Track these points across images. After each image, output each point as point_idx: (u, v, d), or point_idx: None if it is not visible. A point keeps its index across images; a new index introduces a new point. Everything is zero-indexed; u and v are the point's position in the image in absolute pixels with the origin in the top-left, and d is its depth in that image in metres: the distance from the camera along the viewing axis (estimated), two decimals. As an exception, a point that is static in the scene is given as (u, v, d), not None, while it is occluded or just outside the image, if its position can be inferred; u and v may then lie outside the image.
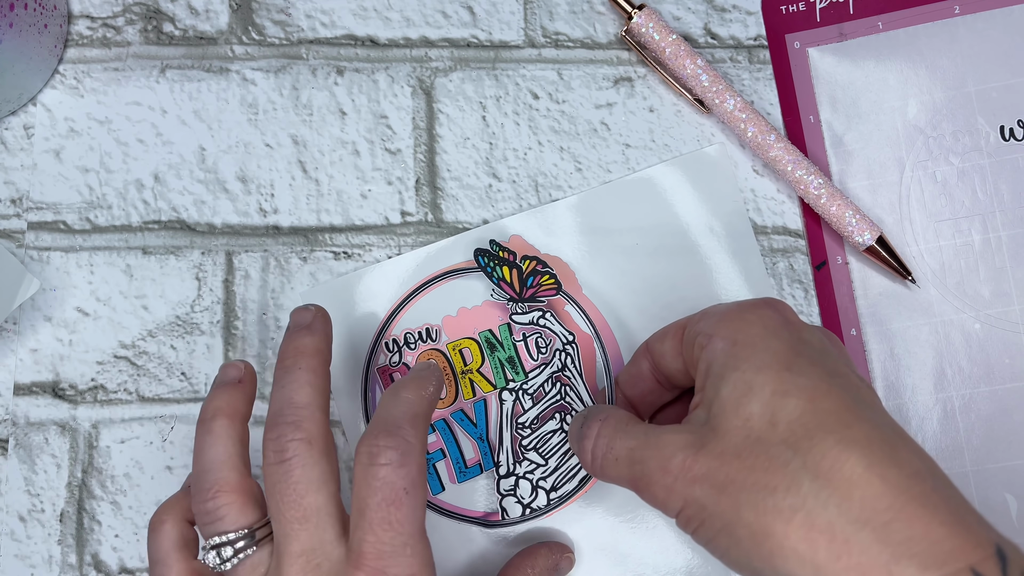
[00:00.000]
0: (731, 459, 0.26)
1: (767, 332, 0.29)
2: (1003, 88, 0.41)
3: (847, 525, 0.24)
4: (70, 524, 0.38)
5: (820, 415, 0.26)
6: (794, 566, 0.25)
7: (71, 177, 0.41)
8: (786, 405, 0.26)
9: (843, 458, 0.25)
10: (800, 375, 0.27)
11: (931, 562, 0.23)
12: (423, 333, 0.39)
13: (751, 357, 0.28)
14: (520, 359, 0.39)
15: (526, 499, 0.38)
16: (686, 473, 0.27)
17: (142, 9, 0.42)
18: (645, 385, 0.34)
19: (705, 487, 0.27)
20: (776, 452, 0.26)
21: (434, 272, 0.40)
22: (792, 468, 0.25)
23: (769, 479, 0.25)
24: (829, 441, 0.25)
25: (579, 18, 0.42)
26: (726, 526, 0.26)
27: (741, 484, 0.26)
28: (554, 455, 0.38)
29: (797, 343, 0.28)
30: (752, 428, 0.26)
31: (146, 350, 0.39)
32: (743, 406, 0.27)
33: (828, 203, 0.39)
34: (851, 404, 0.27)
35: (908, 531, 0.24)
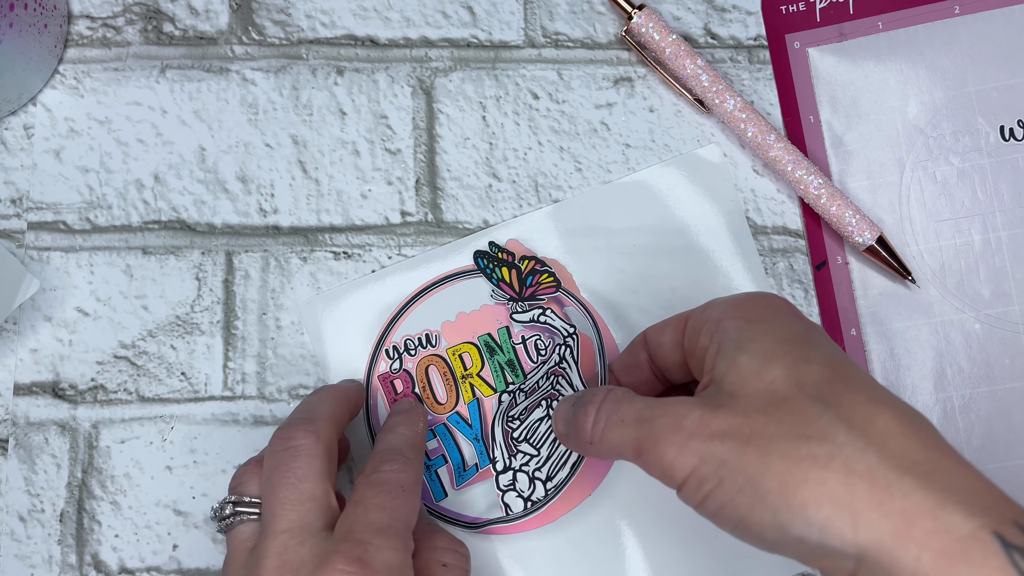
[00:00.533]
0: (757, 415, 0.26)
1: (779, 312, 0.29)
2: (1003, 88, 0.41)
3: (888, 471, 0.24)
4: (70, 524, 0.38)
5: (844, 380, 0.26)
6: (829, 513, 0.24)
7: (71, 177, 0.41)
8: (811, 370, 0.26)
9: (876, 412, 0.25)
10: (818, 347, 0.28)
11: (976, 509, 0.23)
12: (423, 339, 0.39)
13: (769, 331, 0.28)
14: (520, 362, 0.39)
15: (525, 492, 0.38)
16: (703, 429, 0.26)
17: (142, 9, 0.42)
18: (640, 375, 0.34)
19: (727, 442, 0.25)
20: (807, 406, 0.25)
21: (433, 278, 0.40)
22: (825, 420, 0.25)
23: (802, 429, 0.25)
24: (860, 397, 0.25)
25: (579, 18, 0.42)
26: (750, 480, 0.25)
27: (771, 435, 0.25)
28: (544, 444, 0.38)
29: (807, 323, 0.29)
30: (777, 389, 0.26)
31: (146, 350, 0.39)
32: (766, 371, 0.27)
33: (828, 203, 0.39)
34: (867, 377, 0.27)
35: (950, 480, 0.24)
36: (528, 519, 0.38)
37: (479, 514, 0.38)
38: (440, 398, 0.39)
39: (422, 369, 0.39)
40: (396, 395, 0.39)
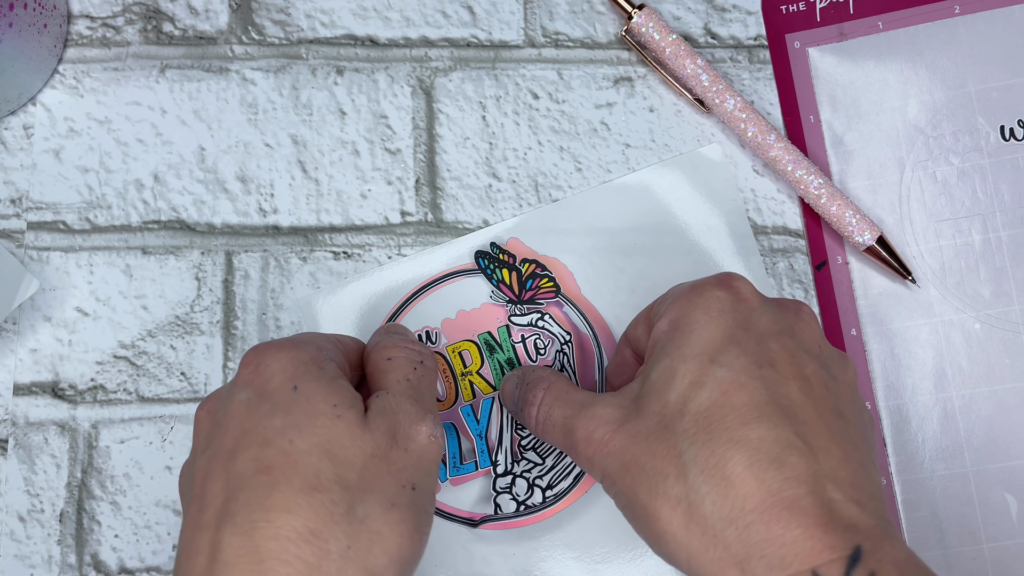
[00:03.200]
0: (641, 441, 0.28)
1: (708, 317, 0.29)
2: (1003, 88, 0.41)
3: (718, 521, 0.26)
4: (70, 524, 0.38)
5: (725, 410, 0.27)
6: (674, 550, 0.27)
7: (71, 177, 0.41)
8: (698, 396, 0.27)
9: (728, 456, 0.26)
10: (722, 366, 0.28)
11: (776, 563, 0.25)
12: (422, 336, 0.39)
13: (682, 344, 0.29)
14: (519, 360, 0.39)
15: (521, 496, 0.38)
16: (603, 447, 0.29)
17: (142, 9, 0.42)
18: (629, 372, 0.35)
19: (615, 462, 0.29)
20: (676, 441, 0.27)
21: (433, 276, 0.40)
22: (685, 459, 0.27)
23: (664, 466, 0.27)
24: (722, 438, 0.27)
25: (579, 18, 0.42)
26: (627, 502, 0.28)
27: (641, 466, 0.28)
28: (551, 454, 0.38)
29: (736, 329, 0.29)
30: (665, 415, 0.28)
31: (146, 350, 0.39)
32: (664, 392, 0.28)
33: (828, 203, 0.39)
34: (761, 402, 0.27)
35: (766, 533, 0.25)
36: (520, 519, 0.38)
37: (471, 508, 0.38)
38: (440, 395, 0.39)
39: None
40: None
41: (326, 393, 0.28)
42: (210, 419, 0.30)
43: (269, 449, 0.27)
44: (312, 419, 0.28)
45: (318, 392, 0.28)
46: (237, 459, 0.27)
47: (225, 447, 0.28)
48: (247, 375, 0.29)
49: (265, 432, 0.27)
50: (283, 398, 0.28)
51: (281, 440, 0.27)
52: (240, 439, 0.28)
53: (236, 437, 0.28)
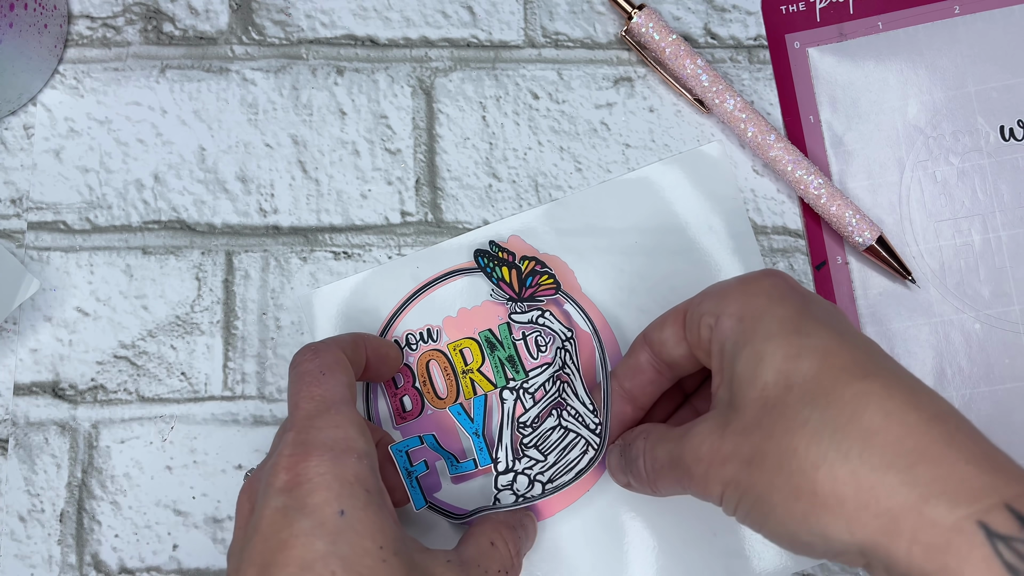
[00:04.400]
0: (753, 431, 0.27)
1: (772, 301, 0.29)
2: (1003, 88, 0.41)
3: (871, 473, 0.24)
4: (70, 524, 0.38)
5: (834, 371, 0.26)
6: (827, 522, 0.25)
7: (71, 177, 0.41)
8: (800, 367, 0.26)
9: (862, 408, 0.25)
10: (810, 336, 0.27)
11: (962, 499, 0.23)
12: (424, 334, 0.39)
13: (759, 328, 0.28)
14: (520, 358, 0.39)
15: (521, 491, 0.38)
16: (715, 456, 0.28)
17: (142, 9, 0.42)
18: (644, 376, 0.35)
19: (735, 464, 0.27)
20: (794, 413, 0.26)
21: (434, 274, 0.40)
22: (812, 426, 0.25)
23: (790, 441, 0.25)
24: (847, 394, 0.25)
25: (579, 18, 0.42)
26: (760, 497, 0.26)
27: (766, 453, 0.26)
28: (553, 451, 0.38)
29: (803, 306, 0.29)
30: (768, 396, 0.27)
31: (146, 350, 0.39)
32: (758, 377, 0.27)
33: (828, 203, 0.39)
34: (864, 357, 0.27)
35: (935, 471, 0.23)
36: None
37: (468, 507, 0.38)
38: (441, 393, 0.39)
39: (423, 364, 0.39)
40: (396, 389, 0.39)
41: (374, 530, 0.27)
42: (248, 506, 0.30)
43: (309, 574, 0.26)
44: (359, 557, 0.27)
45: (367, 525, 0.27)
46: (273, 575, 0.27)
47: (260, 556, 0.27)
48: (285, 482, 0.28)
49: (305, 554, 0.26)
50: (328, 520, 0.27)
51: (323, 569, 0.26)
52: (277, 552, 0.27)
53: (273, 549, 0.27)
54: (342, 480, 0.28)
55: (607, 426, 0.37)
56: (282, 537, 0.27)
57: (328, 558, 0.26)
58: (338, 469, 0.28)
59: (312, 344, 0.33)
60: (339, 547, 0.27)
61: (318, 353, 0.32)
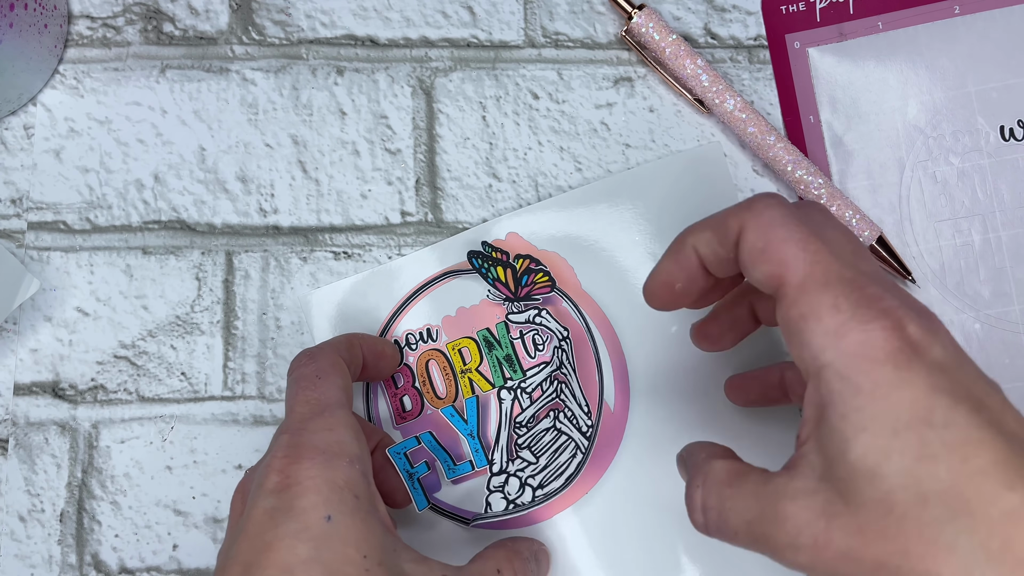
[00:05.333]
0: (876, 538, 0.23)
1: (897, 373, 0.24)
2: (1003, 88, 0.41)
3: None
4: (70, 524, 0.38)
5: (977, 478, 0.22)
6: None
7: (71, 177, 0.41)
8: (936, 473, 0.23)
9: (1011, 531, 0.22)
10: (945, 427, 0.23)
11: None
12: (423, 333, 0.39)
13: (880, 413, 0.24)
14: (518, 357, 0.39)
15: (512, 495, 0.38)
16: (821, 552, 0.24)
17: (142, 9, 0.42)
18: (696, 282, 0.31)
19: (850, 566, 0.24)
20: (932, 533, 0.22)
21: (433, 273, 0.40)
22: (960, 551, 0.22)
23: (932, 564, 0.22)
24: (993, 513, 0.22)
25: (579, 18, 0.42)
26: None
27: (897, 569, 0.23)
28: (545, 453, 0.38)
29: (931, 377, 0.24)
30: (896, 503, 0.23)
31: (146, 350, 0.39)
32: (880, 477, 0.23)
33: (828, 203, 0.39)
34: (1007, 453, 0.23)
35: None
36: (509, 518, 0.38)
37: (464, 506, 0.38)
38: (440, 392, 0.39)
39: (422, 363, 0.39)
40: (396, 389, 0.39)
41: (359, 537, 0.27)
42: (241, 505, 0.31)
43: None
44: (341, 564, 0.27)
45: (353, 532, 0.27)
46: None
47: (244, 555, 0.27)
48: (276, 483, 0.28)
49: (287, 557, 0.26)
50: (313, 524, 0.27)
51: (303, 574, 0.26)
52: (260, 553, 0.27)
53: (257, 549, 0.27)
54: (332, 484, 0.28)
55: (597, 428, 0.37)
56: (266, 539, 0.27)
57: (310, 564, 0.26)
58: (328, 473, 0.28)
59: (308, 349, 0.33)
60: (322, 553, 0.27)
61: (314, 357, 0.32)
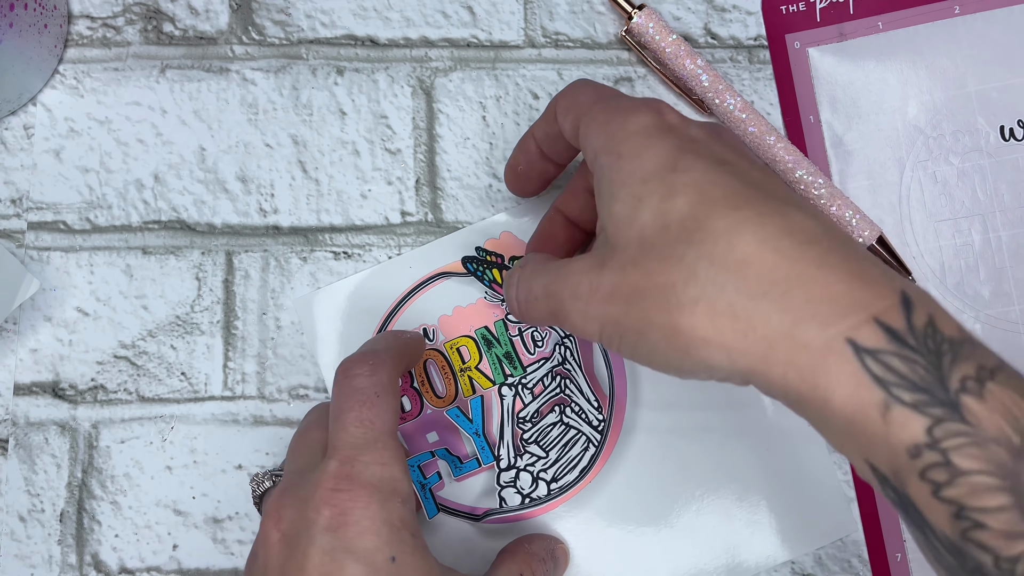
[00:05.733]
0: (631, 270, 0.27)
1: (649, 140, 0.28)
2: (1003, 88, 0.41)
3: (747, 302, 0.24)
4: (70, 524, 0.38)
5: (708, 205, 0.26)
6: (709, 354, 0.25)
7: (71, 177, 0.41)
8: (675, 205, 0.26)
9: (735, 240, 0.25)
10: (685, 171, 0.27)
11: (832, 319, 0.23)
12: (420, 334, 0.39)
13: (636, 169, 0.28)
14: (517, 354, 0.39)
15: (526, 490, 0.38)
16: (594, 294, 0.27)
17: (142, 9, 0.42)
18: (559, 144, 0.34)
19: (614, 302, 0.27)
20: (670, 251, 0.26)
21: (428, 273, 0.40)
22: (688, 261, 0.25)
23: (668, 278, 0.26)
24: (720, 227, 0.25)
25: (579, 18, 0.42)
26: (641, 333, 0.26)
27: (644, 290, 0.26)
28: (555, 447, 0.38)
29: (681, 141, 0.28)
30: (646, 236, 0.26)
31: (146, 350, 0.39)
32: (636, 219, 0.27)
33: (828, 203, 0.39)
34: (739, 187, 0.26)
35: (806, 294, 0.24)
36: (525, 511, 0.38)
37: (473, 503, 0.38)
38: (440, 392, 0.39)
39: (420, 364, 0.39)
40: None
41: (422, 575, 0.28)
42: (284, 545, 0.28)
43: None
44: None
45: (416, 571, 0.28)
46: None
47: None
48: (329, 519, 0.28)
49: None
50: (380, 567, 0.27)
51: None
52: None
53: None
54: (390, 525, 0.28)
55: (610, 423, 0.37)
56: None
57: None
58: (385, 513, 0.28)
59: (368, 354, 0.32)
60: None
61: (376, 370, 0.31)
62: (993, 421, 0.22)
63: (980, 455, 0.22)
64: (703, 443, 0.38)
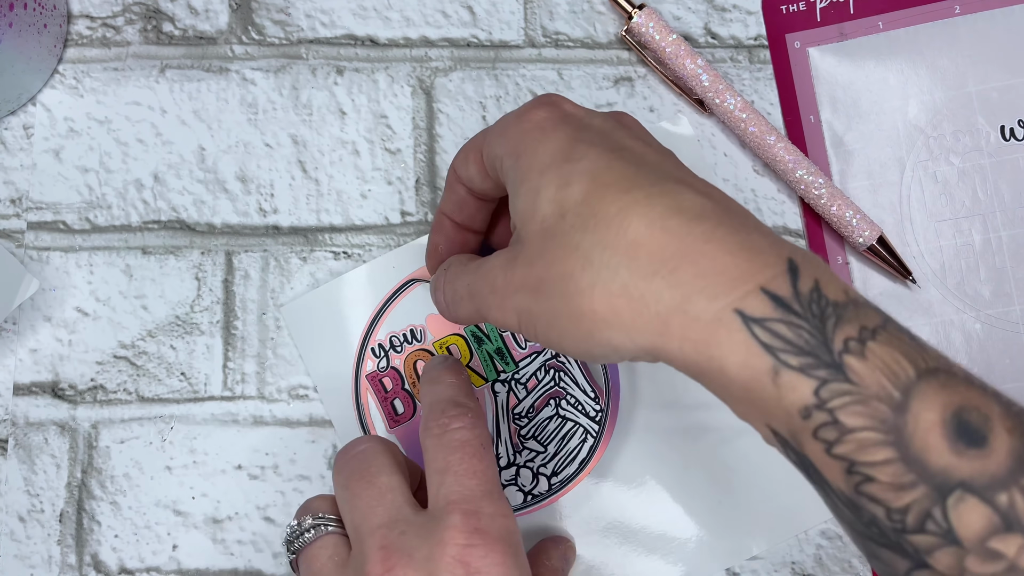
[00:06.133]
0: (536, 261, 0.27)
1: (544, 134, 0.29)
2: (1003, 88, 0.41)
3: (639, 282, 0.25)
4: (70, 524, 0.38)
5: (601, 190, 0.26)
6: (610, 336, 0.26)
7: (71, 177, 0.41)
8: (570, 193, 0.27)
9: (624, 224, 0.25)
10: (579, 160, 0.27)
11: (720, 291, 0.24)
12: (408, 335, 0.39)
13: (533, 163, 0.28)
14: (508, 349, 0.39)
15: (527, 487, 0.38)
16: (507, 287, 0.28)
17: (142, 9, 0.42)
18: (469, 207, 0.34)
19: (524, 293, 0.27)
20: (567, 240, 0.26)
21: (412, 273, 0.39)
22: (584, 248, 0.26)
23: (566, 267, 0.26)
24: (612, 211, 0.26)
25: (579, 18, 0.42)
26: (549, 322, 0.27)
27: (548, 280, 0.27)
28: (552, 441, 0.38)
29: (576, 131, 0.28)
30: (547, 227, 0.27)
31: (146, 350, 0.39)
32: (536, 211, 0.27)
33: (828, 203, 0.39)
34: (631, 171, 0.27)
35: (695, 269, 0.24)
36: (526, 509, 0.38)
37: None
38: None
39: (410, 365, 0.39)
40: (386, 393, 0.38)
41: None
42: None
43: None
44: None
45: None
46: None
47: None
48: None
49: None
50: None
51: None
52: None
53: None
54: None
55: (608, 412, 0.37)
56: None
57: None
58: (518, 568, 0.27)
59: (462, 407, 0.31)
60: None
61: (475, 424, 0.30)
62: (875, 379, 0.23)
63: (864, 412, 0.22)
64: (701, 431, 0.38)
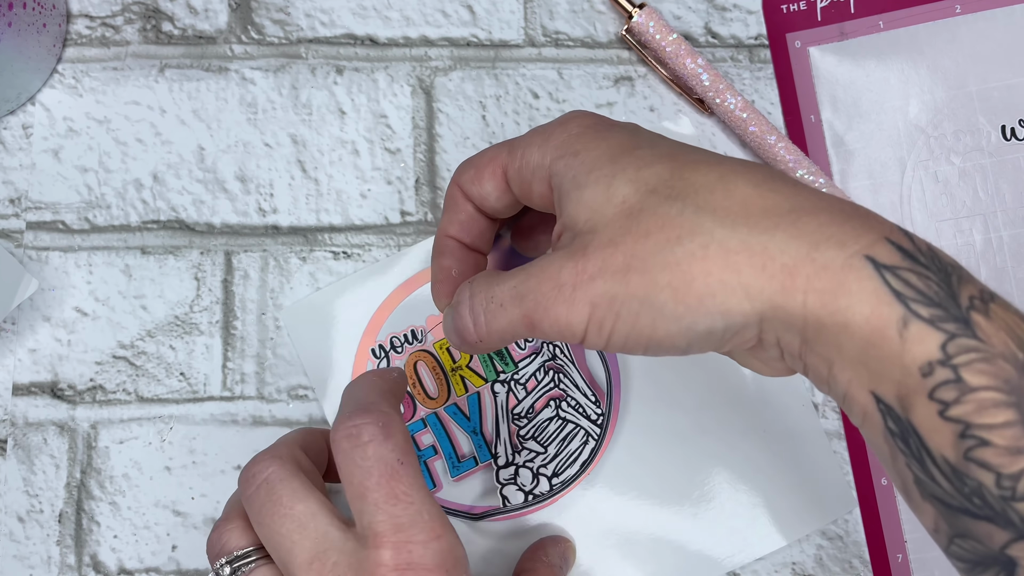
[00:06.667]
0: (623, 239, 0.26)
1: (599, 132, 0.29)
2: (1004, 88, 0.41)
3: (760, 235, 0.24)
4: (69, 525, 0.38)
5: (691, 165, 0.26)
6: (724, 297, 0.24)
7: (70, 177, 0.40)
8: (655, 172, 0.26)
9: (731, 187, 0.25)
10: (652, 147, 0.27)
11: (848, 239, 0.24)
12: (408, 335, 0.39)
13: (599, 156, 0.27)
14: (508, 349, 0.39)
15: (527, 486, 0.38)
16: (582, 276, 0.26)
17: (141, 8, 0.42)
18: (479, 226, 0.33)
19: (605, 278, 0.25)
20: (662, 210, 0.25)
21: (412, 274, 0.39)
22: (687, 215, 0.25)
23: (667, 234, 0.25)
24: (710, 179, 0.25)
25: (579, 17, 0.42)
26: (645, 301, 0.25)
27: (643, 253, 0.25)
28: (553, 442, 0.38)
29: (630, 130, 0.29)
30: (631, 206, 0.26)
31: (145, 350, 0.39)
32: (613, 195, 0.26)
33: (829, 203, 0.39)
34: (708, 155, 0.27)
35: (816, 222, 0.24)
36: (525, 509, 0.38)
37: (473, 502, 0.38)
38: (431, 393, 0.38)
39: (410, 366, 0.39)
40: None
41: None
42: None
43: None
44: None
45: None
46: None
47: None
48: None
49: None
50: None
51: None
52: None
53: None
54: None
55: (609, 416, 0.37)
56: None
57: None
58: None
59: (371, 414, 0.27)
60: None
61: (388, 432, 0.27)
62: (1000, 338, 0.22)
63: (989, 370, 0.22)
64: (702, 431, 0.38)
